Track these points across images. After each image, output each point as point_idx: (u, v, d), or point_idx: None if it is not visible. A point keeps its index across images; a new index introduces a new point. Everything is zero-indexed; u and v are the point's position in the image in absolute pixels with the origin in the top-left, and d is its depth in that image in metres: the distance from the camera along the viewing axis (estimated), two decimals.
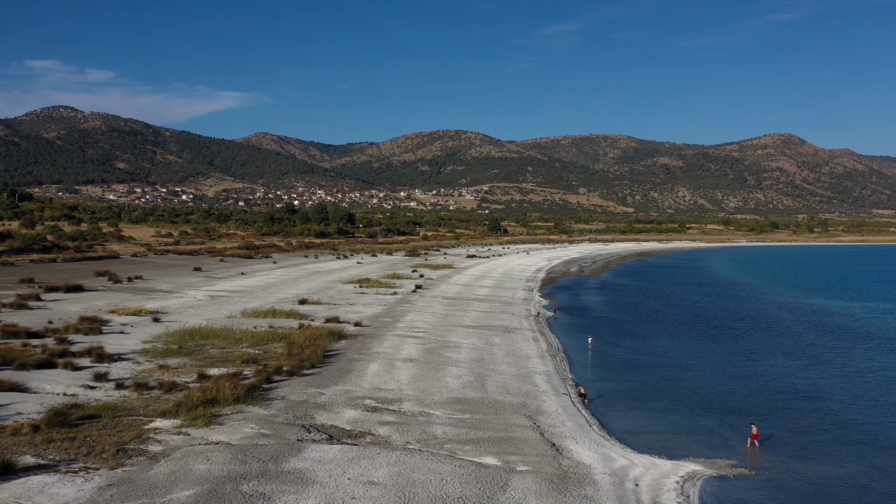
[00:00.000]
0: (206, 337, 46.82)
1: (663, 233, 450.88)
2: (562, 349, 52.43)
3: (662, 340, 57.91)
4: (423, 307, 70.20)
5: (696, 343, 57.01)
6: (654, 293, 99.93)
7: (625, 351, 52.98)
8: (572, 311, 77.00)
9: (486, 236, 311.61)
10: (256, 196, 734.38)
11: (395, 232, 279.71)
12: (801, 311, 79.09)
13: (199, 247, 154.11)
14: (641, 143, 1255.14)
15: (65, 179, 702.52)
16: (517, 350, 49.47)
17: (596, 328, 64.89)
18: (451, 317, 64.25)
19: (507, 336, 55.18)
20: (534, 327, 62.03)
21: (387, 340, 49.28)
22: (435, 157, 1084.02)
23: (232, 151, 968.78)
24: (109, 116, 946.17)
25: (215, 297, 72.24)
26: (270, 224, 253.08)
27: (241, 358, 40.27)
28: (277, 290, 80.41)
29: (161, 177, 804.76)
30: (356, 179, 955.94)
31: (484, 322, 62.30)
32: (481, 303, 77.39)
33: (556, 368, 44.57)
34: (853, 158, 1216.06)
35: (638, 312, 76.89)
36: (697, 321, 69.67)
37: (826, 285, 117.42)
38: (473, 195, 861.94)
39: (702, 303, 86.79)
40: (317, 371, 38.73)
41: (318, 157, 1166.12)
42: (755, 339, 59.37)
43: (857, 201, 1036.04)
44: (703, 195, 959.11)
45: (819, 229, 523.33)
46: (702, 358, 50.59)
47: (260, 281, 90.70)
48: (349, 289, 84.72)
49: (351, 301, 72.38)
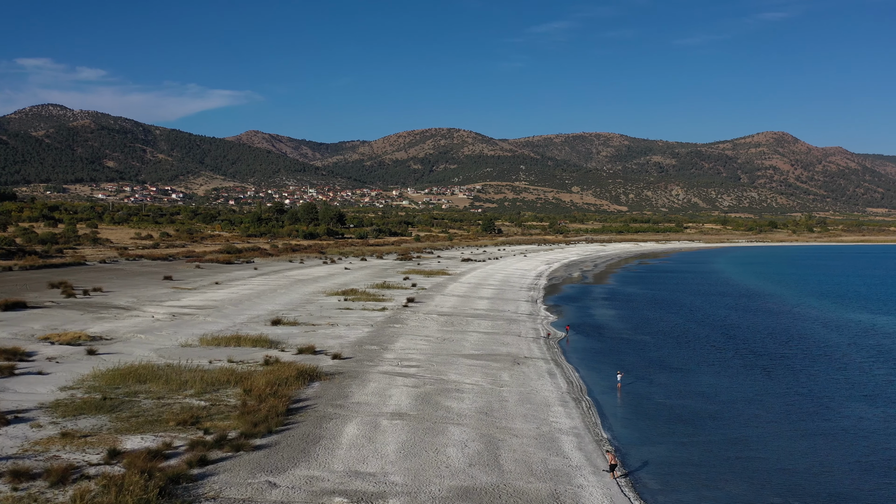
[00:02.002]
0: (143, 380, 37.22)
1: (661, 233, 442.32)
2: (585, 389, 42.85)
3: (704, 375, 48.07)
4: (416, 328, 60.72)
5: (746, 379, 46.93)
6: (671, 305, 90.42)
7: (663, 391, 43.26)
8: (586, 331, 67.50)
9: (480, 237, 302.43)
10: (247, 195, 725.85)
11: (386, 232, 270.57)
12: (850, 331, 68.65)
13: (177, 250, 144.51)
14: (634, 142, 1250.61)
15: (53, 178, 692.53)
16: (532, 393, 39.94)
17: (619, 355, 55.42)
18: (449, 342, 54.77)
19: (516, 370, 45.70)
20: (546, 354, 52.58)
21: (371, 382, 39.68)
22: (427, 156, 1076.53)
23: (223, 150, 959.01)
24: (99, 115, 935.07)
25: (177, 315, 62.68)
26: (257, 225, 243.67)
27: (177, 416, 30.68)
28: (251, 306, 70.90)
29: (151, 175, 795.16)
30: (348, 178, 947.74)
31: (487, 349, 52.85)
32: (482, 320, 67.94)
33: (584, 423, 35.00)
34: (846, 157, 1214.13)
35: (661, 332, 67.23)
36: (735, 345, 59.57)
37: (858, 295, 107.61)
38: (466, 194, 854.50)
39: (731, 319, 76.72)
40: (274, 440, 28.82)
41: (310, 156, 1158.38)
42: (816, 373, 49.37)
43: (850, 200, 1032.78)
44: (696, 193, 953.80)
45: (819, 229, 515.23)
46: (763, 404, 40.51)
47: (234, 293, 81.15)
48: (332, 303, 75.26)
49: (333, 320, 62.87)
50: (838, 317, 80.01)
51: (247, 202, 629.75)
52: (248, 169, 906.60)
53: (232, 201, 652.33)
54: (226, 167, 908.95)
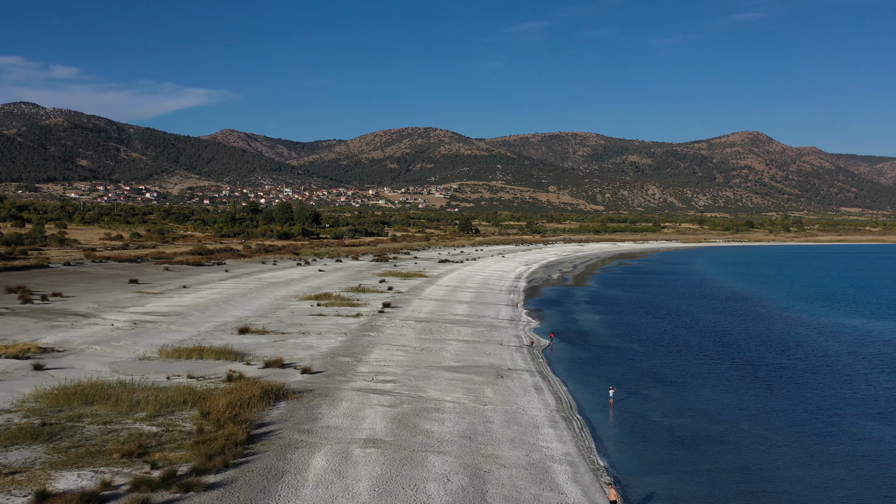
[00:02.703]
0: (90, 400, 33.60)
1: (638, 232, 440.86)
2: (575, 406, 39.58)
3: (701, 389, 44.84)
4: (392, 336, 57.36)
5: (748, 395, 43.61)
6: (656, 309, 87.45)
7: (659, 409, 39.99)
8: (571, 338, 64.31)
9: (458, 237, 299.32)
10: (222, 194, 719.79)
11: (362, 232, 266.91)
12: (846, 339, 65.56)
13: (147, 252, 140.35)
14: (611, 141, 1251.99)
15: (25, 177, 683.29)
16: (519, 411, 36.66)
17: (607, 365, 52.30)
18: (427, 352, 51.47)
19: (501, 384, 42.44)
20: (531, 366, 49.37)
21: (343, 400, 36.25)
22: (404, 155, 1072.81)
23: (198, 149, 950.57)
24: (72, 113, 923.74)
25: (139, 323, 59.02)
26: (231, 224, 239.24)
27: (123, 446, 27.15)
28: (218, 312, 67.28)
29: (125, 174, 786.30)
30: (324, 177, 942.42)
31: (468, 359, 49.59)
32: (461, 327, 64.67)
33: (578, 448, 31.76)
34: (820, 157, 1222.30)
35: (650, 339, 64.10)
36: (730, 354, 56.32)
37: (846, 297, 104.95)
38: (443, 193, 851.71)
39: (721, 325, 73.52)
40: (230, 477, 25.20)
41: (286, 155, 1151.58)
42: (821, 386, 46.04)
43: (824, 199, 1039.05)
44: (672, 193, 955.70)
45: (795, 228, 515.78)
46: (770, 424, 37.22)
47: (202, 298, 77.45)
48: (305, 308, 71.75)
49: (304, 328, 59.38)
50: (831, 322, 77.19)
51: (222, 201, 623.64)
52: (223, 168, 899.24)
53: (207, 201, 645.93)
54: (201, 166, 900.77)
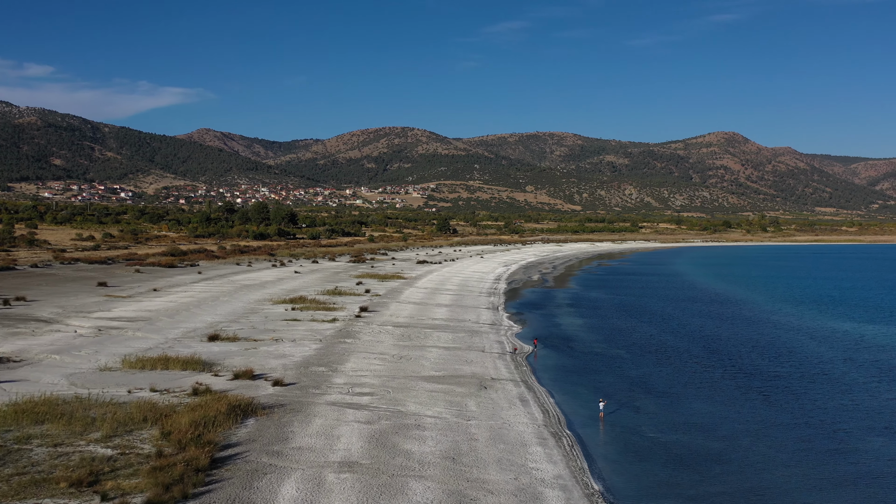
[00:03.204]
0: (42, 419, 30.88)
1: (616, 232, 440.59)
2: (564, 420, 37.21)
3: (695, 401, 42.30)
4: (370, 343, 54.92)
5: (744, 407, 41.00)
6: (640, 313, 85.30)
7: (653, 423, 37.57)
8: (555, 344, 62.05)
9: (435, 237, 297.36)
10: (198, 194, 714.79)
11: (339, 233, 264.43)
12: (840, 344, 63.11)
13: (119, 252, 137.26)
14: (588, 141, 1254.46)
15: None
16: (505, 427, 34.29)
17: (594, 374, 50.08)
18: (406, 360, 49.07)
19: (484, 396, 40.07)
20: (514, 375, 47.08)
21: (316, 416, 33.75)
22: (381, 155, 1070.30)
23: (173, 148, 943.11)
24: (46, 112, 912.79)
25: (104, 329, 56.27)
26: (206, 225, 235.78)
27: (72, 474, 24.53)
28: (188, 317, 64.58)
29: (99, 174, 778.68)
30: (301, 177, 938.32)
31: (449, 368, 47.23)
32: (441, 332, 62.31)
33: (570, 469, 29.40)
34: (795, 157, 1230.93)
35: (636, 345, 61.85)
36: (721, 361, 53.81)
37: (832, 300, 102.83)
38: (420, 193, 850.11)
39: (708, 329, 71.09)
40: None
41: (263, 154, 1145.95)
42: (821, 397, 43.45)
43: (799, 199, 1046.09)
44: (649, 193, 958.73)
45: (772, 229, 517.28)
46: (772, 440, 34.67)
47: (172, 301, 74.67)
48: (279, 312, 69.17)
49: (277, 334, 56.83)
50: (821, 326, 75.11)
51: (198, 201, 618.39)
52: (199, 167, 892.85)
53: (182, 200, 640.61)
54: (176, 166, 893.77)
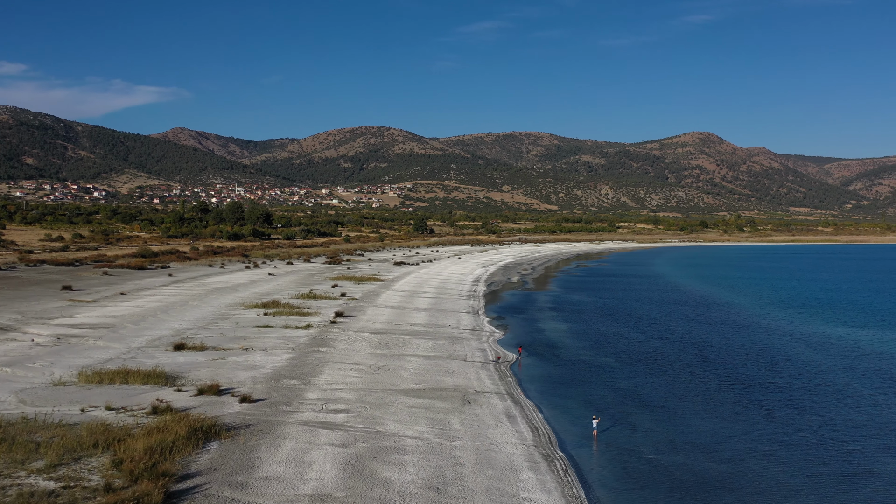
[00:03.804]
0: None
1: (593, 232, 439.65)
2: (555, 440, 34.47)
3: (693, 416, 39.36)
4: (345, 352, 52.07)
5: (747, 423, 37.96)
6: (625, 317, 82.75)
7: (650, 442, 34.62)
8: (539, 352, 59.37)
9: (412, 237, 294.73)
10: (173, 193, 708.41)
11: (315, 233, 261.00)
12: (836, 351, 60.47)
13: (87, 254, 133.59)
14: (564, 141, 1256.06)
15: None
16: (492, 449, 31.55)
17: (583, 385, 47.39)
18: (384, 371, 46.26)
19: (468, 412, 37.32)
20: (499, 386, 44.34)
21: (286, 439, 30.84)
22: (357, 154, 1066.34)
23: (148, 147, 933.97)
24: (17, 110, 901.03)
25: (63, 338, 53.11)
26: (179, 225, 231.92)
27: None
28: (155, 323, 61.45)
29: (72, 173, 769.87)
30: (277, 176, 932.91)
31: (430, 379, 44.45)
32: (421, 339, 59.54)
33: (566, 499, 26.47)
34: (769, 157, 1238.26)
35: (625, 353, 59.16)
36: (715, 371, 50.94)
37: (819, 303, 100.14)
38: (397, 192, 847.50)
39: (698, 335, 68.06)
40: None
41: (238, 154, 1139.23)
42: (826, 411, 40.40)
43: (774, 199, 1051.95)
44: (625, 193, 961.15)
45: (749, 228, 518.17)
46: (783, 463, 31.78)
47: (139, 306, 71.44)
48: (251, 318, 66.15)
49: (248, 342, 53.88)
50: (813, 331, 72.52)
51: (172, 200, 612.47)
52: (173, 167, 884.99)
53: (157, 200, 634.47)
54: (151, 165, 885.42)
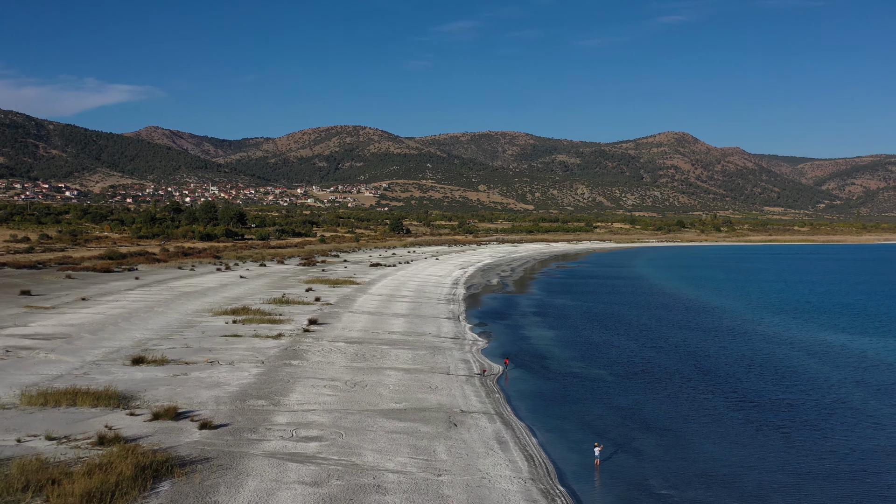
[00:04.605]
0: None
1: (570, 232, 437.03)
2: (553, 471, 30.75)
3: (704, 440, 35.61)
4: (319, 366, 48.20)
5: (764, 448, 34.13)
6: (614, 323, 79.05)
7: (661, 474, 30.73)
8: (527, 363, 55.71)
9: (388, 237, 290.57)
10: (146, 192, 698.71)
11: (289, 233, 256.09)
12: (844, 362, 56.69)
13: (53, 255, 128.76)
14: (539, 141, 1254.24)
15: None
16: (484, 485, 27.72)
17: (577, 403, 43.63)
18: (362, 388, 42.42)
19: (455, 437, 33.58)
20: (487, 405, 40.60)
21: (250, 477, 26.90)
22: (333, 153, 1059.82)
23: (120, 146, 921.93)
24: None
25: (12, 350, 48.96)
26: (150, 225, 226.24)
27: None
28: (115, 333, 57.31)
29: (44, 172, 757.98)
30: (251, 175, 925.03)
31: (412, 397, 40.67)
32: (400, 349, 55.78)
33: None
34: (744, 157, 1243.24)
35: (618, 364, 55.35)
36: (720, 386, 47.21)
37: (814, 307, 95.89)
38: (372, 192, 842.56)
39: (692, 344, 64.25)
40: None
41: (212, 153, 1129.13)
42: (849, 434, 36.61)
43: (748, 199, 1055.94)
44: (601, 192, 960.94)
45: (726, 229, 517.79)
46: (810, 499, 28.23)
47: (99, 313, 67.19)
48: (218, 326, 62.12)
49: (214, 354, 49.89)
50: (813, 339, 68.61)
51: (145, 200, 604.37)
52: (147, 166, 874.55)
53: (130, 199, 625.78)
54: (124, 164, 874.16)
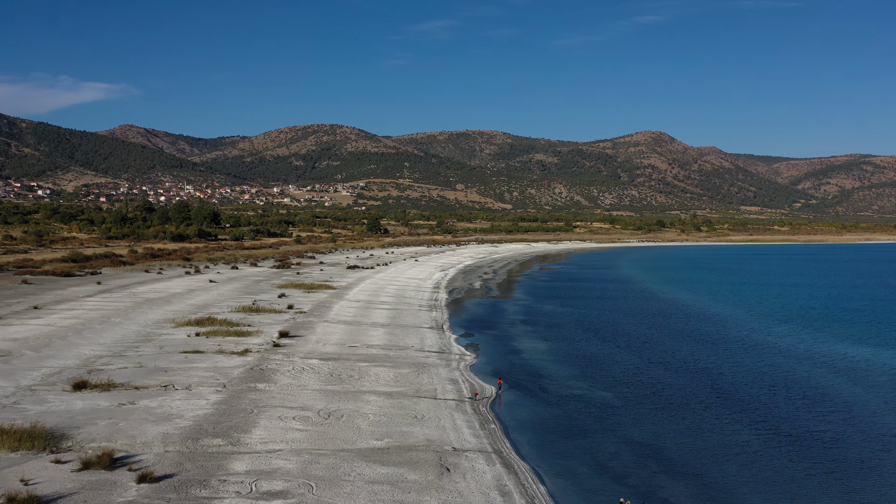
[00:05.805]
0: None
1: (550, 232, 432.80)
2: None
3: (747, 491, 29.39)
4: (289, 390, 42.32)
5: (824, 499, 28.76)
6: (611, 333, 72.95)
7: None
8: (521, 382, 49.97)
9: (366, 237, 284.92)
10: (120, 191, 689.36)
11: (265, 233, 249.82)
12: (875, 381, 50.76)
13: (13, 258, 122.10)
14: (517, 140, 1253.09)
15: None
16: None
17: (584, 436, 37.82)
18: (337, 419, 36.56)
19: (449, 488, 27.82)
20: (483, 440, 34.83)
21: None
22: (309, 152, 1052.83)
23: (94, 144, 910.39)
24: None
25: None
26: (121, 225, 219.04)
27: None
28: (62, 348, 51.18)
29: (15, 170, 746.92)
30: (227, 174, 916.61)
31: (395, 431, 34.87)
32: (380, 367, 50.03)
33: None
34: (720, 156, 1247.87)
35: (624, 384, 49.32)
36: (746, 413, 40.97)
37: (821, 314, 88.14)
38: (350, 191, 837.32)
39: (703, 359, 58.07)
40: None
41: (188, 151, 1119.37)
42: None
43: (725, 198, 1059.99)
44: (579, 192, 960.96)
45: (706, 228, 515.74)
46: None
47: (49, 324, 60.92)
48: (179, 339, 56.12)
49: (169, 376, 43.86)
50: (833, 352, 62.10)
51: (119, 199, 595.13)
52: (121, 164, 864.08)
53: (103, 198, 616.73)
54: (97, 162, 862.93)
